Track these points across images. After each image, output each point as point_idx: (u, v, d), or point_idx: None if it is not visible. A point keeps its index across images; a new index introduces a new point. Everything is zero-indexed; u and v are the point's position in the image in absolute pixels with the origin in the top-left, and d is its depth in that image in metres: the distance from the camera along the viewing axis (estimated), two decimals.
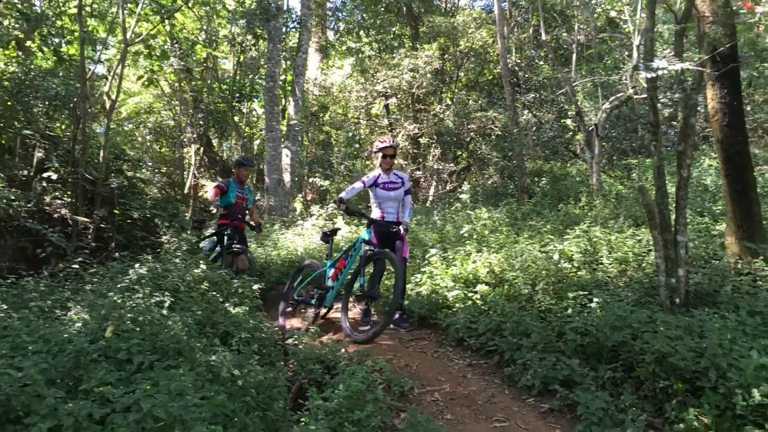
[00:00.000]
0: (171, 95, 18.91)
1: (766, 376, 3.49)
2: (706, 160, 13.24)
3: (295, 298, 7.34)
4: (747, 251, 6.22)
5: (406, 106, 18.47)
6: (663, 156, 5.59)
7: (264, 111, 14.65)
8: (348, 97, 18.64)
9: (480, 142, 17.26)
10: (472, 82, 19.67)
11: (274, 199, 13.41)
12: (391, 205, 6.94)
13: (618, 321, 4.71)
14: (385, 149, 6.93)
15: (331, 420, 3.72)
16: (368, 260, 6.59)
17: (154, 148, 20.79)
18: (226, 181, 8.56)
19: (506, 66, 15.36)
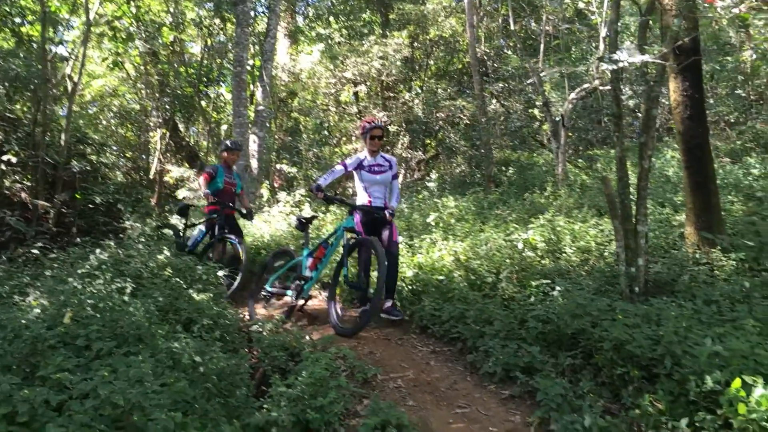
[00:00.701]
0: (136, 78, 18.56)
1: (718, 364, 3.57)
2: (668, 151, 13.46)
3: (268, 289, 6.99)
4: (705, 241, 6.35)
5: (375, 94, 18.42)
6: (626, 147, 5.68)
7: (231, 96, 14.47)
8: (317, 83, 18.50)
9: (448, 131, 17.30)
10: (442, 70, 19.68)
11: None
12: (378, 190, 6.60)
13: (578, 309, 4.79)
14: (373, 130, 6.56)
15: (294, 406, 3.73)
16: (351, 249, 6.28)
17: (118, 132, 20.40)
18: (214, 167, 8.32)
19: (475, 55, 15.40)
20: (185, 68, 18.87)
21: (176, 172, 16.53)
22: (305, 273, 6.57)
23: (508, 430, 3.82)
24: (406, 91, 17.74)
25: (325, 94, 18.63)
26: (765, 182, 10.39)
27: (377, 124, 6.59)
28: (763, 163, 11.77)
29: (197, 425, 2.99)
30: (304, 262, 6.65)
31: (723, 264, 5.83)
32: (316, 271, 6.56)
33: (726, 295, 4.99)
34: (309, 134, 19.26)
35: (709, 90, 15.60)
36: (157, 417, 2.79)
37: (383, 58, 16.59)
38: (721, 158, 12.95)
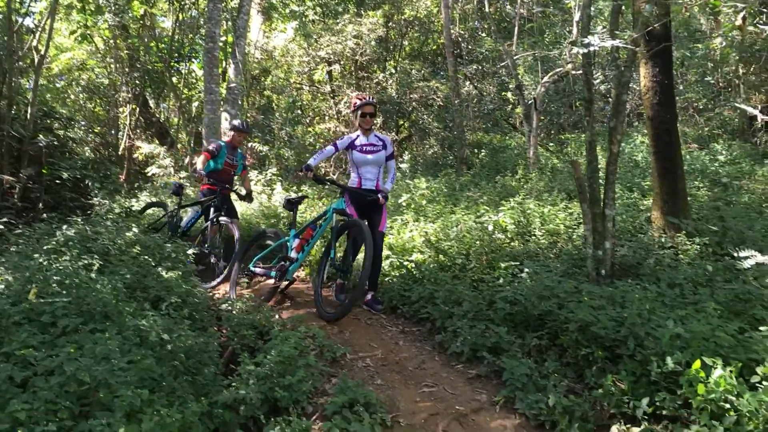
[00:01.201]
0: (105, 52, 18.20)
1: (680, 345, 3.66)
2: (638, 137, 13.64)
3: (251, 269, 6.73)
4: (671, 226, 6.46)
5: (349, 74, 18.31)
6: (596, 131, 5.73)
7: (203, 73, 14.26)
8: (290, 61, 18.33)
9: (422, 112, 17.29)
10: (416, 51, 19.62)
11: None
12: (371, 171, 6.25)
13: (546, 291, 4.86)
14: (365, 107, 6.22)
15: (262, 385, 3.74)
16: (340, 232, 6.03)
17: (87, 106, 20.03)
18: (218, 145, 7.90)
19: (449, 37, 15.38)
20: (156, 43, 18.55)
21: (146, 149, 16.29)
22: (291, 254, 6.32)
23: (474, 408, 3.87)
24: (380, 72, 17.67)
25: (298, 72, 18.46)
26: (730, 168, 10.60)
27: (369, 101, 6.25)
28: (729, 150, 11.99)
29: (164, 402, 2.99)
30: (290, 243, 6.41)
31: (687, 248, 5.94)
32: (302, 253, 6.36)
33: (689, 278, 5.10)
34: (282, 113, 19.10)
35: (679, 76, 15.80)
36: (123, 394, 2.78)
37: (357, 37, 16.47)
38: (688, 144, 13.16)
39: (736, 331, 3.78)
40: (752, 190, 9.20)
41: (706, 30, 15.12)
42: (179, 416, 2.82)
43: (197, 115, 18.90)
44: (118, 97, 18.24)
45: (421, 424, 3.65)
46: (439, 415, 3.75)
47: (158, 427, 2.66)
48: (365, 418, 3.49)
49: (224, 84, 15.44)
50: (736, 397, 3.09)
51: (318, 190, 11.86)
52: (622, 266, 5.79)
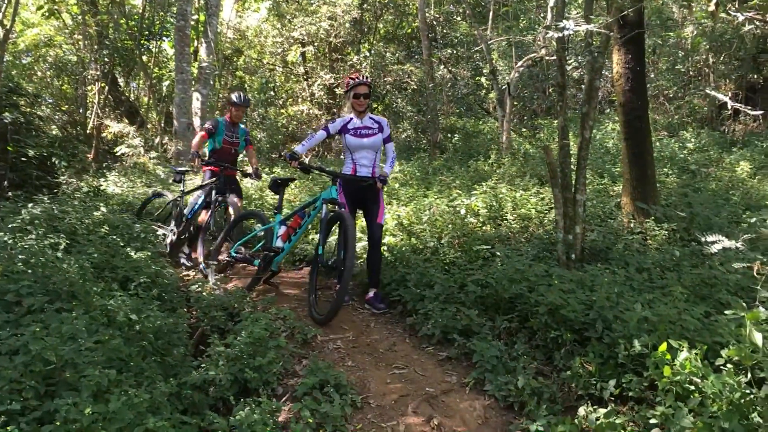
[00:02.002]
0: (74, 29, 17.81)
1: (647, 328, 3.71)
2: (609, 124, 13.77)
3: (233, 255, 6.21)
4: (640, 211, 6.55)
5: (323, 55, 18.19)
6: (568, 117, 5.77)
7: (174, 51, 14.05)
8: (264, 42, 18.16)
9: (396, 96, 17.25)
10: (391, 34, 19.53)
11: (182, 143, 13.00)
12: (366, 156, 5.68)
13: (516, 274, 4.90)
14: (358, 87, 5.62)
15: (232, 366, 3.72)
16: (330, 223, 5.50)
17: (54, 84, 19.63)
18: (215, 122, 7.25)
19: (424, 20, 15.32)
20: (126, 20, 18.20)
21: (115, 128, 16.02)
22: (276, 243, 5.76)
23: (445, 390, 3.90)
24: (354, 54, 17.57)
25: (271, 53, 18.30)
26: (699, 156, 10.76)
27: (362, 80, 5.63)
28: (698, 138, 12.17)
29: (132, 383, 2.95)
30: (275, 231, 5.85)
31: (656, 233, 6.03)
32: (289, 242, 5.77)
33: (657, 263, 5.19)
34: (254, 94, 18.91)
35: (651, 65, 15.96)
36: (90, 374, 2.74)
37: (332, 18, 16.35)
38: (659, 132, 13.32)
39: (702, 314, 3.85)
40: (719, 177, 9.37)
41: (678, 19, 15.28)
42: (147, 396, 2.79)
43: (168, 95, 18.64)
44: (87, 75, 17.88)
45: (392, 405, 3.66)
46: (409, 397, 3.77)
47: (126, 407, 2.63)
48: (335, 399, 3.49)
49: (196, 63, 15.24)
50: (700, 379, 3.14)
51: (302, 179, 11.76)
52: (591, 251, 5.86)
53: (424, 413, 3.56)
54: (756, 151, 11.13)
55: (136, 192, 9.26)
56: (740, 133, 13.65)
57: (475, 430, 3.46)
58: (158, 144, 15.04)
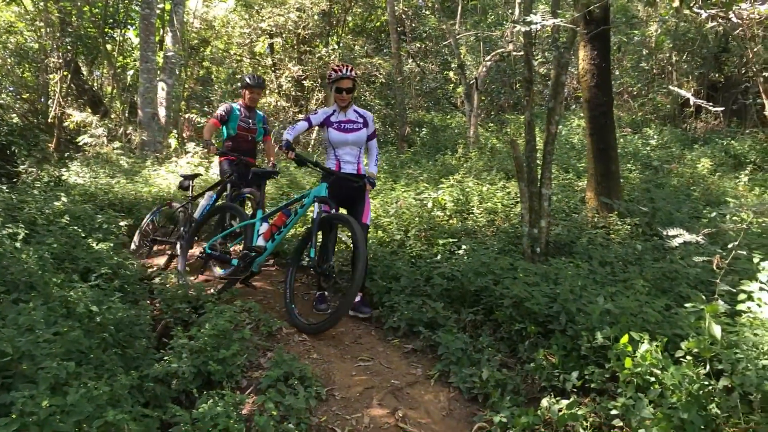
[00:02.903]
0: (35, 15, 17.35)
1: (609, 321, 3.77)
2: (575, 119, 13.92)
3: (207, 251, 5.70)
4: (604, 206, 6.64)
5: (291, 47, 18.03)
6: (534, 112, 5.81)
7: (139, 40, 13.83)
8: (231, 32, 17.93)
9: (364, 89, 17.21)
10: (359, 27, 19.48)
11: (147, 134, 12.81)
12: (350, 153, 5.28)
13: (482, 267, 4.94)
14: (341, 81, 5.14)
15: (196, 358, 3.68)
16: (323, 225, 4.96)
17: (15, 72, 19.13)
18: (227, 107, 6.60)
19: (393, 13, 15.31)
20: (89, 7, 17.78)
21: (77, 117, 15.69)
22: (258, 242, 5.28)
23: (410, 382, 3.91)
24: (323, 47, 17.46)
25: (239, 44, 18.08)
26: (661, 152, 10.95)
27: (345, 74, 5.13)
28: (661, 134, 12.37)
29: (92, 375, 2.90)
30: (257, 227, 5.38)
31: (619, 228, 6.12)
32: (272, 242, 5.31)
33: (620, 257, 5.27)
34: (221, 85, 18.69)
35: (616, 62, 16.18)
36: (47, 366, 2.68)
37: (300, 10, 16.22)
38: (623, 128, 13.51)
39: (663, 307, 3.91)
40: (681, 173, 9.54)
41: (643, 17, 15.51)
42: (107, 389, 2.74)
43: (132, 84, 18.31)
44: (49, 63, 17.45)
45: (356, 397, 3.66)
46: (374, 389, 3.77)
47: (84, 399, 2.58)
48: (300, 392, 3.47)
49: (161, 53, 15.00)
50: (660, 370, 3.19)
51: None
52: (556, 244, 5.92)
53: (388, 405, 3.56)
54: (716, 148, 11.36)
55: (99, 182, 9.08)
56: (702, 130, 13.93)
57: (439, 422, 3.48)
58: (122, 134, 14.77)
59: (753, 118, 13.26)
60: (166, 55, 13.66)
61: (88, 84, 19.02)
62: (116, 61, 18.10)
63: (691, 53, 14.88)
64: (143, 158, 11.86)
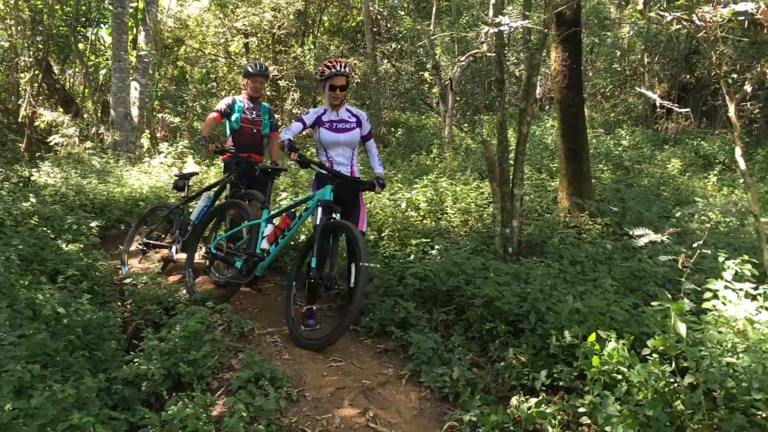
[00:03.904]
0: (5, 13, 17.09)
1: (578, 319, 3.81)
2: (549, 120, 14.04)
3: (212, 251, 5.39)
4: (576, 206, 6.71)
5: (267, 47, 17.97)
6: (507, 113, 5.86)
7: (111, 39, 13.65)
8: (205, 32, 17.82)
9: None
10: (335, 27, 19.46)
11: (119, 134, 12.67)
12: (342, 154, 5.00)
13: (454, 267, 4.96)
14: (334, 78, 4.83)
15: (166, 360, 3.66)
16: (326, 232, 4.66)
17: None
18: (230, 100, 6.10)
19: (368, 14, 15.32)
20: (61, 5, 17.55)
21: (48, 117, 15.46)
22: (261, 245, 5.01)
23: (381, 382, 3.92)
24: (298, 46, 17.42)
25: (213, 43, 17.97)
26: (632, 153, 11.09)
27: (340, 70, 4.82)
28: (632, 135, 12.53)
29: (57, 378, 2.87)
30: (262, 229, 5.09)
31: (590, 228, 6.19)
32: (276, 245, 5.05)
33: (590, 256, 5.33)
34: (195, 84, 18.54)
35: (589, 63, 16.36)
36: (11, 369, 2.65)
37: (275, 9, 16.17)
38: (595, 128, 13.66)
39: (630, 306, 3.98)
40: (651, 173, 9.67)
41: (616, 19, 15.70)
42: (73, 392, 2.71)
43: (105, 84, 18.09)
44: (19, 62, 17.19)
45: (327, 397, 3.66)
46: (346, 389, 3.77)
47: (49, 402, 2.55)
48: (271, 393, 3.46)
49: (134, 52, 14.85)
50: (627, 368, 3.24)
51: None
52: (528, 244, 5.97)
53: (359, 405, 3.57)
54: (686, 149, 11.54)
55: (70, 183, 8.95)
56: (672, 131, 14.13)
57: (410, 422, 3.50)
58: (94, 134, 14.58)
59: (722, 120, 13.48)
60: (140, 54, 13.52)
61: (60, 83, 18.76)
62: (88, 60, 17.87)
63: (663, 55, 15.09)
64: (115, 158, 11.72)
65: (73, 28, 16.61)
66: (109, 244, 7.10)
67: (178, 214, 6.37)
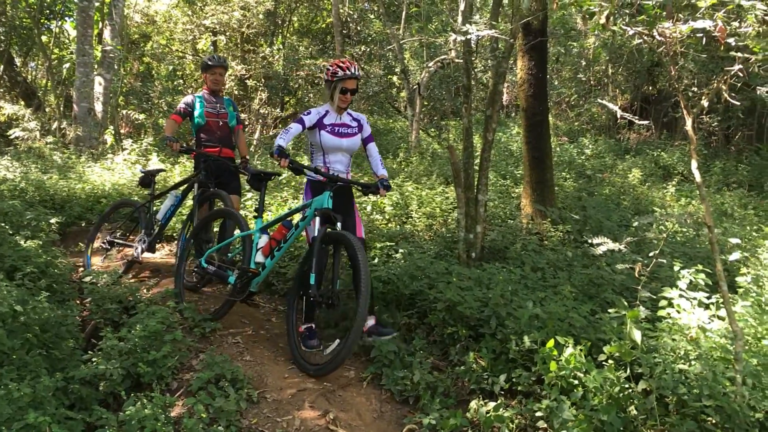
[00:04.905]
0: None
1: (537, 325, 3.88)
2: (515, 127, 14.23)
3: (202, 265, 4.92)
4: (538, 213, 6.82)
5: (235, 45, 17.84)
6: (473, 119, 5.93)
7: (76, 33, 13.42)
8: (173, 28, 17.61)
9: (308, 90, 17.15)
10: (305, 28, 19.41)
11: (82, 129, 12.45)
12: (341, 160, 4.66)
13: (417, 271, 5.00)
14: (346, 81, 4.49)
15: (125, 360, 3.63)
16: (326, 243, 4.31)
17: None
18: (189, 99, 5.87)
19: (338, 16, 15.31)
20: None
21: (9, 110, 15.14)
22: (256, 258, 4.59)
23: (342, 384, 3.93)
24: (267, 46, 17.34)
25: (181, 40, 17.78)
26: (595, 162, 11.28)
27: (352, 73, 4.46)
28: (595, 144, 12.75)
29: (13, 376, 2.83)
30: (255, 240, 4.68)
31: (551, 235, 6.29)
32: (272, 258, 4.60)
33: (551, 263, 5.42)
34: (162, 81, 18.33)
35: (555, 72, 16.59)
36: None
37: (245, 8, 16.06)
38: (560, 137, 13.88)
39: (588, 312, 4.07)
40: (613, 182, 9.86)
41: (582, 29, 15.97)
42: (29, 391, 2.68)
43: (68, 78, 17.78)
44: None
45: (288, 399, 3.66)
46: (307, 391, 3.78)
47: (5, 402, 2.51)
48: (231, 394, 3.46)
49: (99, 47, 14.63)
50: (584, 374, 3.31)
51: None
52: (491, 249, 6.05)
53: (320, 407, 3.58)
54: (647, 159, 11.79)
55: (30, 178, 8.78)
56: (634, 141, 14.42)
57: (370, 424, 3.52)
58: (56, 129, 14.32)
59: (682, 131, 13.80)
60: (105, 49, 13.31)
61: (22, 76, 18.37)
62: (52, 53, 17.55)
63: (626, 66, 15.40)
64: (78, 154, 11.51)
65: (37, 20, 16.32)
66: (69, 242, 6.99)
67: (144, 212, 6.16)
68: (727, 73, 3.19)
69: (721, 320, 3.60)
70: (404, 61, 14.06)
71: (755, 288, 4.31)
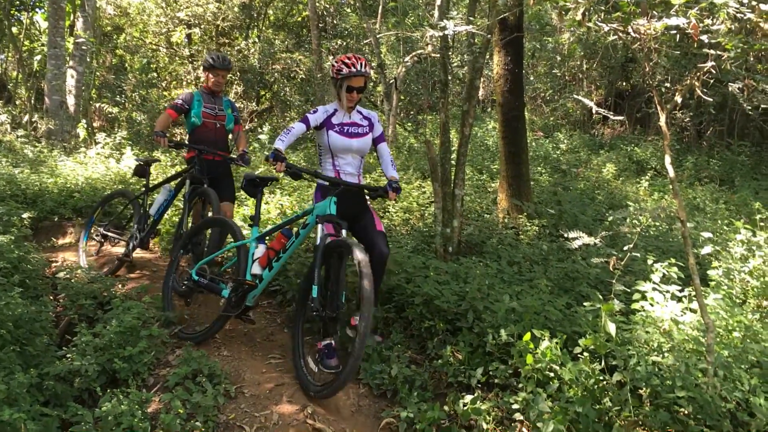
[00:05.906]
0: None
1: (514, 318, 3.92)
2: (491, 122, 14.29)
3: (194, 279, 4.52)
4: (515, 208, 6.87)
5: (210, 38, 17.66)
6: (450, 113, 5.95)
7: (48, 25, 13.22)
8: (147, 20, 17.40)
9: (284, 84, 17.07)
10: (281, 21, 19.29)
11: (54, 123, 12.28)
12: (352, 162, 4.33)
13: (395, 266, 5.01)
14: (353, 78, 4.14)
15: (100, 356, 3.59)
16: (327, 255, 3.90)
17: None
18: (188, 96, 5.66)
19: (314, 9, 15.27)
20: None
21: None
22: (253, 270, 4.23)
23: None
24: (243, 40, 17.21)
25: (155, 33, 17.56)
26: (570, 156, 11.38)
27: (360, 70, 4.11)
28: (570, 139, 12.86)
29: None
30: (251, 251, 4.32)
31: (528, 229, 6.34)
32: (270, 270, 4.19)
33: (527, 257, 5.48)
34: (135, 74, 18.12)
35: (530, 68, 16.69)
36: None
37: (220, 1, 15.93)
38: (536, 132, 13.97)
39: (564, 306, 4.12)
40: (587, 177, 9.96)
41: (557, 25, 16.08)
42: (4, 387, 2.65)
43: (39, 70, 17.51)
44: None
45: (266, 394, 3.66)
46: (285, 386, 3.77)
47: None
48: (208, 389, 3.44)
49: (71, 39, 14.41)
50: (559, 366, 3.36)
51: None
52: (468, 244, 6.08)
53: (298, 402, 3.58)
54: (621, 154, 11.92)
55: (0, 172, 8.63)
56: (608, 136, 14.58)
57: (348, 418, 3.53)
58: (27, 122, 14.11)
59: (656, 127, 13.98)
60: (77, 41, 13.12)
61: None
62: (22, 45, 17.26)
63: (600, 62, 15.55)
64: (49, 148, 11.35)
65: (7, 11, 16.02)
66: (41, 236, 6.90)
67: (138, 205, 5.99)
68: (699, 70, 3.24)
69: (693, 313, 3.66)
70: (381, 55, 14.04)
71: (726, 281, 4.39)
